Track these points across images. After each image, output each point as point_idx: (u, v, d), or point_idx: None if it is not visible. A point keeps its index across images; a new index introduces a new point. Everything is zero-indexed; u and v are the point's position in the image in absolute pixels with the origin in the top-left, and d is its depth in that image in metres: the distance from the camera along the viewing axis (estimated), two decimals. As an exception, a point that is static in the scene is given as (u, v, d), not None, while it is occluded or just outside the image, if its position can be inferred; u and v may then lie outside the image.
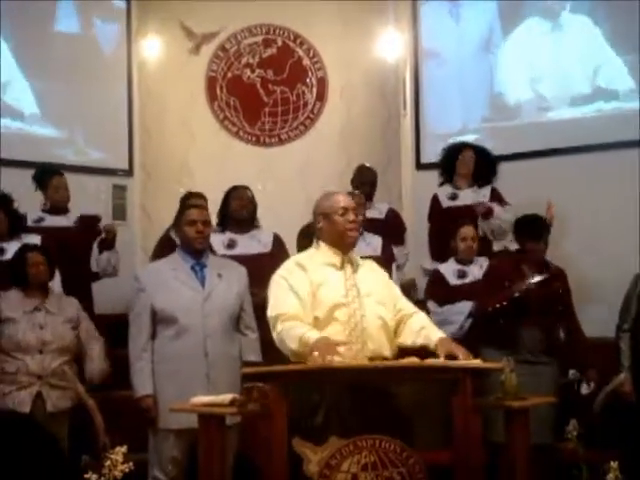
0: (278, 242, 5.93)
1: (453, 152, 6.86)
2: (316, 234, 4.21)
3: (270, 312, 4.03)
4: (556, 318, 5.33)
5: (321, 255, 4.12)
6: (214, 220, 6.04)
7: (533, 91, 7.55)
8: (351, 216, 4.08)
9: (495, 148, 7.06)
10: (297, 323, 3.93)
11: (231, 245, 5.80)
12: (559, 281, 5.37)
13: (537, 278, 5.20)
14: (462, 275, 5.93)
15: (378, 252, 5.83)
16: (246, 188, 6.05)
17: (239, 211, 5.90)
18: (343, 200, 4.13)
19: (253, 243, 5.84)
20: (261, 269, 5.36)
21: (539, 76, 7.53)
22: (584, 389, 5.21)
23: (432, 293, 6.05)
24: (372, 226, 6.13)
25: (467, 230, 6.00)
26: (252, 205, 5.98)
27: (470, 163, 6.74)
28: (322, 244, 4.14)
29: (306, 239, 5.27)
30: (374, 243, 5.99)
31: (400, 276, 6.16)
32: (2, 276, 5.28)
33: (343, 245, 4.10)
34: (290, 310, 3.96)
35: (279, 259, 5.62)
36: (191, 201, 6.07)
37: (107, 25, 7.92)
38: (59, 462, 3.77)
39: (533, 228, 5.38)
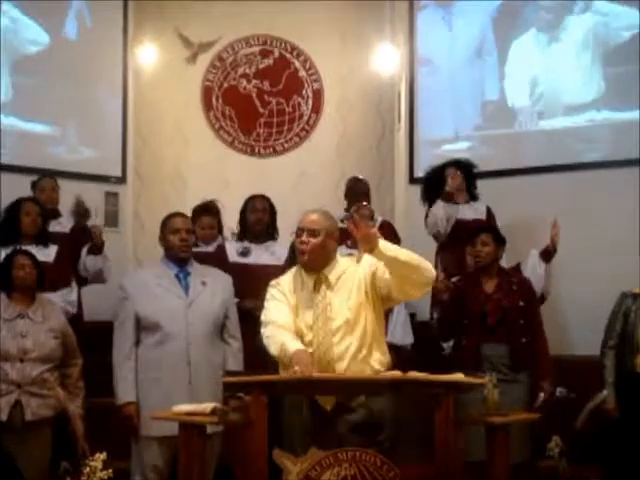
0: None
1: (437, 173, 6.81)
2: None
3: (263, 316, 4.06)
4: (521, 332, 5.28)
5: (299, 277, 4.09)
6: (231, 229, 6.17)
7: (527, 100, 7.57)
8: (303, 236, 4.02)
9: (489, 157, 7.05)
10: (282, 331, 3.93)
11: (244, 253, 5.80)
12: (522, 293, 5.35)
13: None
14: None
15: None
16: (262, 197, 6.03)
17: (255, 225, 5.90)
18: (301, 220, 4.08)
19: (266, 254, 5.83)
20: (268, 280, 5.38)
21: (533, 85, 7.55)
22: (540, 398, 5.16)
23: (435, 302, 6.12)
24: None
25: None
26: (269, 216, 5.97)
27: (458, 177, 6.70)
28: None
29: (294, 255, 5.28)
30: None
31: None
32: None
33: (304, 267, 4.06)
34: (280, 320, 3.97)
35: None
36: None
37: (104, 32, 7.92)
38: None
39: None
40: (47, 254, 5.76)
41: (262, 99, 8.46)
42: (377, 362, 3.99)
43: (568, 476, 4.09)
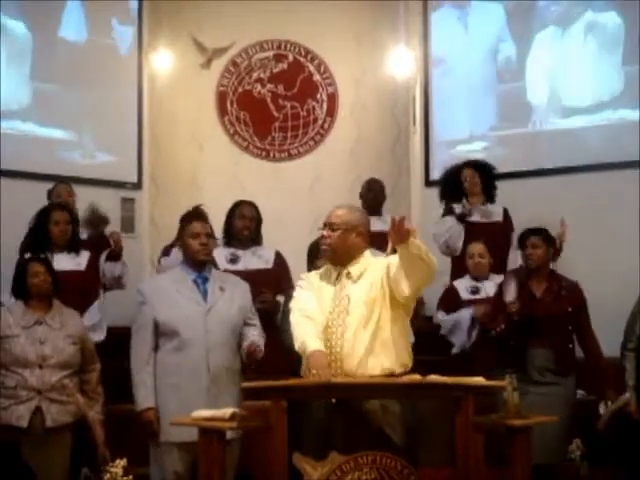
0: (280, 259, 5.95)
1: (454, 175, 6.79)
2: None
3: (291, 304, 4.14)
4: (568, 337, 5.27)
5: (327, 270, 4.15)
6: (219, 234, 6.10)
7: (543, 99, 7.57)
8: (324, 231, 4.10)
9: (505, 157, 7.04)
10: (307, 323, 3.98)
11: (234, 260, 5.82)
12: (571, 298, 5.34)
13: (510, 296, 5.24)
14: (475, 291, 5.97)
15: None
16: (250, 204, 6.03)
17: (241, 231, 5.91)
18: (330, 214, 4.16)
19: (255, 259, 5.84)
20: (261, 285, 5.41)
21: (549, 84, 7.55)
22: (602, 409, 5.15)
23: (442, 304, 6.10)
24: (380, 238, 6.15)
25: (475, 247, 6.01)
26: (255, 223, 5.98)
27: (475, 179, 6.68)
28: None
29: (312, 257, 5.30)
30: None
31: None
32: None
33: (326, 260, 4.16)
34: (306, 308, 4.03)
35: (280, 276, 5.69)
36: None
37: (119, 38, 7.96)
38: None
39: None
40: (78, 262, 5.81)
41: (277, 103, 8.47)
42: (396, 363, 3.98)
43: (590, 479, 4.07)
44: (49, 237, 5.80)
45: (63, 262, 5.69)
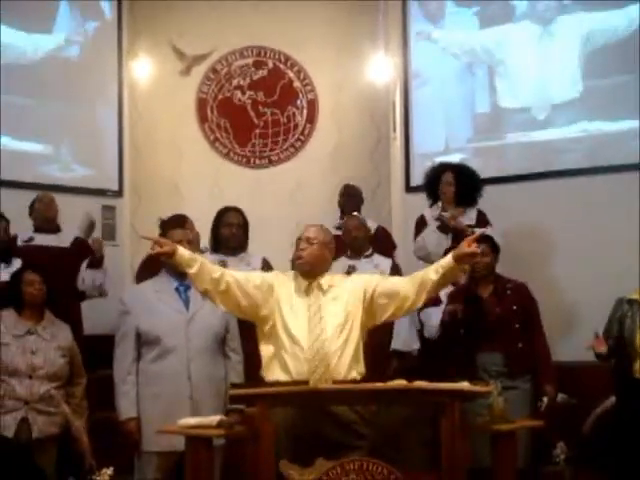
0: (267, 267, 5.93)
1: (434, 175, 6.83)
2: None
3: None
4: (517, 337, 5.28)
5: (293, 280, 4.28)
6: (206, 242, 6.09)
7: (520, 110, 7.60)
8: (302, 244, 4.27)
9: (482, 168, 7.05)
10: None
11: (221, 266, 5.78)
12: (517, 298, 5.36)
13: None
14: None
15: (387, 274, 5.96)
16: (236, 211, 6.02)
17: (228, 239, 5.90)
18: (304, 231, 4.35)
19: (242, 266, 5.81)
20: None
21: (526, 94, 7.58)
22: (542, 406, 5.15)
23: None
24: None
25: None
26: (242, 229, 5.96)
27: (450, 185, 6.66)
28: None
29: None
30: (383, 265, 6.15)
31: None
32: None
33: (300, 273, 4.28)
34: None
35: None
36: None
37: (98, 46, 7.94)
38: None
39: None
40: None
41: (257, 110, 8.47)
42: (357, 373, 4.14)
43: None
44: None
45: None
